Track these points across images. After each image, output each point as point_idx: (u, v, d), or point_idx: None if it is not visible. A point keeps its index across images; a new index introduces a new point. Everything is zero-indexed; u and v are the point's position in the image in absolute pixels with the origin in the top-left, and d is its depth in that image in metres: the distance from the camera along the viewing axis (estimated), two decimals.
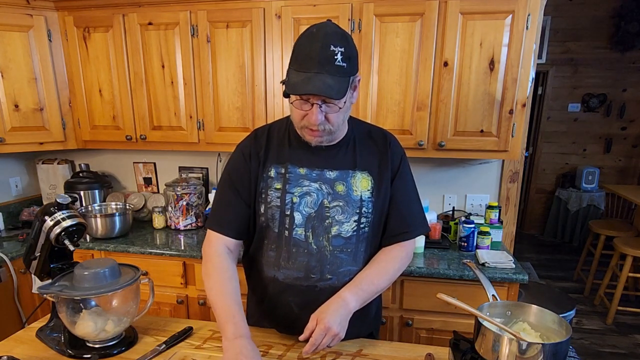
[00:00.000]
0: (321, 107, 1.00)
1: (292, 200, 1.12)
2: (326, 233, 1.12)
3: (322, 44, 0.95)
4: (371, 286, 1.11)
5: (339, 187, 1.13)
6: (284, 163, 1.14)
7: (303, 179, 1.13)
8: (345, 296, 1.06)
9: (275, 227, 1.13)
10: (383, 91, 1.92)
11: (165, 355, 1.11)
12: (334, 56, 0.95)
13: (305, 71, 0.96)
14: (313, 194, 1.12)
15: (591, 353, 2.86)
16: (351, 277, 1.14)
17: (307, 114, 1.03)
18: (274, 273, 1.15)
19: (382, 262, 1.16)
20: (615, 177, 5.15)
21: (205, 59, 2.06)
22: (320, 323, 0.99)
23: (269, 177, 1.14)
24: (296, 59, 1.00)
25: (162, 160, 2.59)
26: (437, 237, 2.05)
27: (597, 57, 4.87)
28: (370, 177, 1.15)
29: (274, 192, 1.13)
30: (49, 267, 1.20)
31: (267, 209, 1.13)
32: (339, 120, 1.06)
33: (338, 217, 1.12)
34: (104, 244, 2.06)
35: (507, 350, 0.89)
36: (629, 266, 3.11)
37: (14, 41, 2.07)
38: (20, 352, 1.11)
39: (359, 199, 1.13)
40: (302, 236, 1.12)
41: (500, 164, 2.26)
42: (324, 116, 1.02)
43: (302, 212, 1.12)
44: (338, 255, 1.12)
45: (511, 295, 1.77)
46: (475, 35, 1.81)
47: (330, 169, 1.13)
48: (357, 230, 1.13)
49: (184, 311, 2.05)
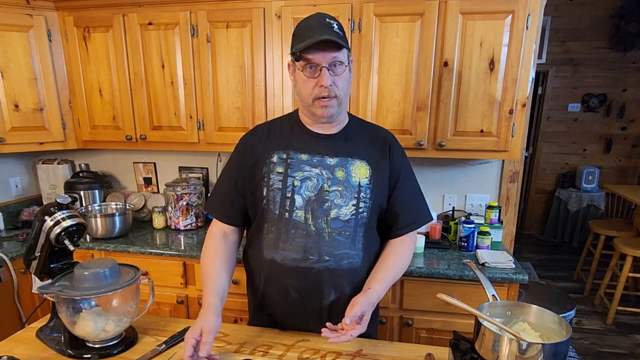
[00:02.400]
0: (329, 69, 1.09)
1: (294, 183, 1.17)
2: (325, 215, 1.16)
3: (318, 19, 1.10)
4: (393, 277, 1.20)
5: (339, 172, 1.18)
6: (286, 150, 1.20)
7: (304, 164, 1.18)
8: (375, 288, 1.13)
9: (275, 210, 1.17)
10: (383, 91, 1.92)
11: (165, 355, 1.11)
12: (331, 25, 1.09)
13: (308, 37, 1.07)
14: (314, 178, 1.17)
15: (591, 353, 2.86)
16: (350, 260, 1.17)
17: (317, 82, 1.10)
18: (272, 255, 1.18)
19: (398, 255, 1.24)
20: (615, 177, 5.15)
21: (205, 59, 2.06)
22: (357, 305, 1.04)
23: (272, 162, 1.19)
24: (297, 35, 1.12)
25: (162, 160, 2.59)
26: (437, 237, 2.05)
27: (597, 57, 4.87)
28: (368, 166, 1.20)
29: (276, 176, 1.18)
30: (49, 267, 1.20)
31: (269, 192, 1.18)
32: (345, 87, 1.14)
33: (337, 201, 1.17)
34: (104, 244, 2.06)
35: (507, 350, 0.89)
36: (629, 266, 3.11)
37: (14, 41, 2.07)
38: (20, 352, 1.11)
39: (358, 184, 1.18)
40: (301, 218, 1.16)
41: (500, 164, 2.26)
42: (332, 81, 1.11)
43: (302, 195, 1.16)
44: (336, 238, 1.16)
45: (511, 295, 1.77)
46: (475, 35, 1.81)
47: (330, 155, 1.19)
48: (356, 214, 1.17)
49: (184, 311, 2.05)
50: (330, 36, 1.06)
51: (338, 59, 1.09)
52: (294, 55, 1.10)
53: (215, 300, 1.10)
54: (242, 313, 1.92)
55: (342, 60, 1.10)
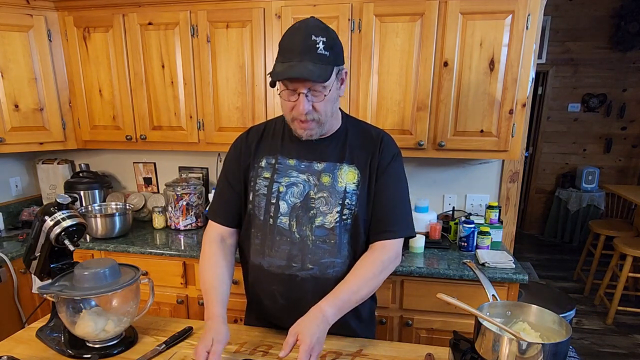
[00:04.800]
0: (307, 96, 1.03)
1: (279, 189, 1.16)
2: (310, 223, 1.14)
3: (304, 35, 1.01)
4: (352, 295, 1.07)
5: (325, 178, 1.15)
6: (275, 154, 1.19)
7: (291, 169, 1.16)
8: (323, 308, 1.03)
9: (261, 215, 1.17)
10: (383, 91, 1.92)
11: (165, 355, 1.11)
12: (315, 45, 1.00)
13: (288, 61, 1.01)
14: (300, 184, 1.15)
15: (591, 353, 2.86)
16: (335, 269, 1.14)
17: (295, 104, 1.05)
18: (259, 261, 1.18)
19: (362, 269, 1.12)
20: (615, 177, 5.15)
21: (205, 59, 2.06)
22: (303, 343, 0.95)
23: (260, 167, 1.19)
24: (280, 51, 1.05)
25: (162, 160, 2.59)
26: (437, 237, 2.05)
27: (597, 57, 4.87)
28: (357, 170, 1.15)
29: (263, 181, 1.17)
30: (49, 267, 1.20)
31: (255, 197, 1.18)
32: (326, 109, 1.08)
33: (322, 208, 1.14)
34: (104, 244, 2.06)
35: (507, 350, 0.89)
36: (629, 266, 3.11)
37: (14, 41, 2.07)
38: (20, 352, 1.10)
39: (343, 190, 1.14)
40: (286, 225, 1.15)
41: (500, 164, 2.26)
42: (312, 105, 1.05)
43: (287, 202, 1.15)
44: (320, 246, 1.14)
45: (511, 295, 1.77)
46: (475, 35, 1.81)
47: (318, 161, 1.16)
48: (340, 221, 1.14)
49: (184, 311, 2.05)
50: (309, 66, 0.98)
51: (317, 88, 1.03)
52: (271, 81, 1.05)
53: (222, 310, 1.09)
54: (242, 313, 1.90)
55: (324, 86, 1.03)
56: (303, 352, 0.94)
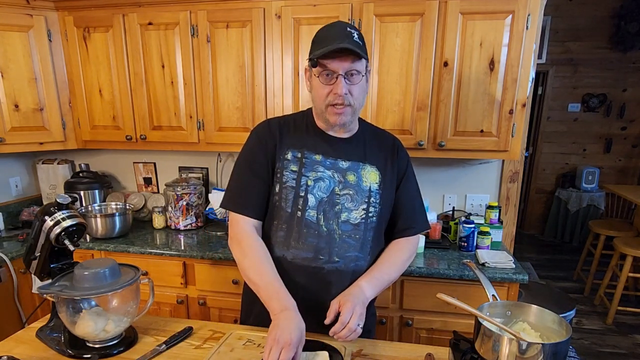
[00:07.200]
0: (345, 78, 1.09)
1: (307, 183, 1.17)
2: (336, 218, 1.18)
3: (340, 27, 1.10)
4: (384, 275, 1.19)
5: (350, 176, 1.19)
6: (301, 149, 1.20)
7: (318, 164, 1.19)
8: (361, 285, 1.13)
9: (287, 207, 1.17)
10: (383, 91, 1.92)
11: (166, 355, 1.11)
12: (351, 34, 1.08)
13: (329, 44, 1.06)
14: (326, 180, 1.18)
15: (591, 353, 2.86)
16: (357, 263, 1.19)
17: (332, 89, 1.10)
18: (283, 253, 1.18)
19: (392, 254, 1.24)
20: (615, 177, 5.15)
21: (205, 59, 2.06)
22: (345, 304, 1.04)
23: (286, 159, 1.19)
24: (316, 42, 1.11)
25: (162, 160, 2.59)
26: (437, 237, 2.05)
27: (597, 57, 4.87)
28: (378, 171, 1.22)
29: (290, 174, 1.18)
30: (49, 267, 1.20)
31: (282, 189, 1.18)
32: (359, 96, 1.14)
33: (347, 204, 1.18)
34: (104, 244, 2.06)
35: (507, 350, 0.89)
36: (629, 266, 3.11)
37: (14, 41, 2.07)
38: (20, 352, 1.10)
39: (368, 189, 1.20)
40: (314, 218, 1.16)
41: (500, 164, 2.26)
42: (348, 90, 1.10)
43: (315, 195, 1.17)
44: (346, 240, 1.17)
45: (511, 295, 1.77)
46: (475, 35, 1.81)
47: (343, 159, 1.20)
48: (366, 218, 1.19)
49: (184, 311, 2.05)
50: (349, 45, 1.05)
51: (355, 68, 1.09)
52: (311, 61, 1.10)
53: (292, 300, 1.07)
54: None
55: (359, 70, 1.10)
56: (345, 310, 1.02)
